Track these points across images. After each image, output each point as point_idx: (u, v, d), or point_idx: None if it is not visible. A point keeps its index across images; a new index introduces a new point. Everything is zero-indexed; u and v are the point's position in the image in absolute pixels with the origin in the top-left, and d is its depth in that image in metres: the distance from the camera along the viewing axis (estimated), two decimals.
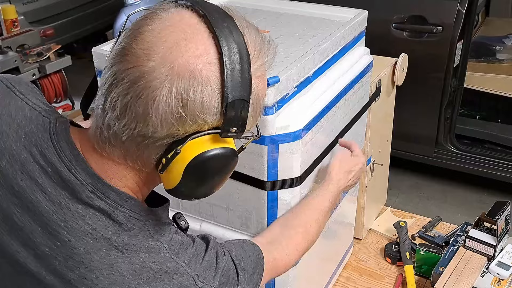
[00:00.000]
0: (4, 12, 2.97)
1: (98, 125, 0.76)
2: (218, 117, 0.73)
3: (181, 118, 0.70)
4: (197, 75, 0.70)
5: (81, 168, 0.77)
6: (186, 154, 0.73)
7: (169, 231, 0.83)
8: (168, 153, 0.74)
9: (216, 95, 0.71)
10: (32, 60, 2.66)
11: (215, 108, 0.72)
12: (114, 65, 0.73)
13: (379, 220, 2.14)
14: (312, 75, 1.31)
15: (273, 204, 1.27)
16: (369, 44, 1.61)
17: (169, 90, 0.69)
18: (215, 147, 0.74)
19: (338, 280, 1.85)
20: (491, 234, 1.69)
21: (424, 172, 3.01)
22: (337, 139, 1.46)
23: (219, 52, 0.71)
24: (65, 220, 0.76)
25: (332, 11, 1.59)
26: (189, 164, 0.73)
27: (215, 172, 0.78)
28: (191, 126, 0.72)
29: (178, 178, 0.75)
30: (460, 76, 2.63)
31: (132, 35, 0.73)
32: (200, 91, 0.70)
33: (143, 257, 0.77)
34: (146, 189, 0.84)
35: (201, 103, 0.70)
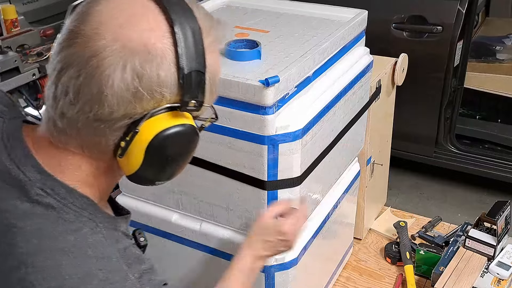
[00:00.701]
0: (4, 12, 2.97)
1: (50, 116, 0.74)
2: (176, 91, 0.71)
3: (138, 93, 0.69)
4: (151, 49, 0.69)
5: (30, 165, 0.75)
6: (146, 133, 0.71)
7: (125, 241, 0.79)
8: (126, 135, 0.71)
9: (172, 67, 0.70)
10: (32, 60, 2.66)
11: (172, 81, 0.70)
12: (62, 50, 0.71)
13: (379, 220, 2.14)
14: (312, 75, 1.31)
15: None
16: (369, 44, 1.61)
17: (124, 66, 0.68)
18: (175, 123, 0.72)
19: (338, 280, 1.85)
20: (491, 234, 1.69)
21: (424, 172, 3.00)
22: (337, 139, 1.46)
23: (170, 26, 0.70)
24: (12, 218, 0.74)
25: (332, 11, 1.59)
26: (150, 144, 0.71)
27: (177, 151, 0.75)
28: (149, 102, 0.70)
29: (139, 160, 0.73)
30: (460, 76, 2.63)
31: (80, 18, 0.71)
32: (155, 64, 0.69)
33: (90, 262, 0.73)
34: (104, 183, 0.80)
35: (157, 76, 0.69)
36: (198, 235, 1.42)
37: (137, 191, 1.49)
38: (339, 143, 1.48)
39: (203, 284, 1.50)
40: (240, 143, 1.22)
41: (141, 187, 1.46)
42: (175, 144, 0.74)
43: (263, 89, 1.12)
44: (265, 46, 1.35)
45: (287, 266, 1.37)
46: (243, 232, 1.35)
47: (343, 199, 1.65)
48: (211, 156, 1.28)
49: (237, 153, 1.24)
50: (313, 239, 1.47)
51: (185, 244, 1.45)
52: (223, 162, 1.27)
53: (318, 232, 1.50)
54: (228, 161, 1.26)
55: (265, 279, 1.37)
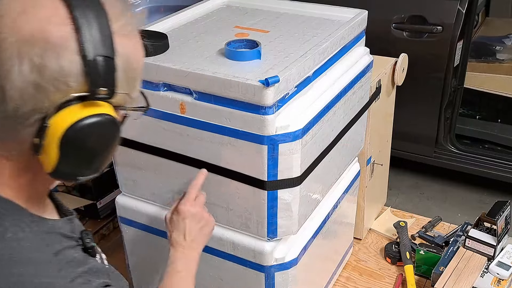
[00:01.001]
0: None
1: None
2: (82, 80, 0.67)
3: (41, 86, 0.65)
4: (49, 38, 0.65)
5: None
6: (57, 127, 0.67)
7: (62, 243, 0.76)
8: (39, 131, 0.68)
9: (75, 55, 0.66)
10: None
11: (76, 69, 0.66)
12: None
13: (379, 220, 2.14)
14: (312, 75, 1.31)
15: (273, 204, 1.27)
16: (369, 44, 1.61)
17: (21, 59, 0.64)
18: (87, 114, 0.68)
19: (338, 280, 1.85)
20: (491, 234, 1.69)
21: (424, 172, 3.00)
22: (337, 139, 1.46)
23: (70, 12, 0.66)
24: None
25: (332, 11, 1.59)
26: (63, 138, 0.67)
27: (94, 142, 0.71)
28: (55, 94, 0.66)
29: (55, 156, 0.69)
30: (460, 76, 2.62)
31: None
32: (55, 54, 0.65)
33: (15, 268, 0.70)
34: (30, 184, 0.76)
35: (59, 66, 0.65)
36: None
37: (137, 191, 1.49)
38: (339, 143, 1.48)
39: (203, 284, 1.50)
40: (240, 143, 1.22)
41: (140, 187, 1.46)
42: (90, 135, 0.70)
43: (263, 89, 1.12)
44: (265, 46, 1.35)
45: (287, 266, 1.37)
46: (243, 232, 1.35)
47: (343, 199, 1.65)
48: (211, 156, 1.28)
49: (237, 153, 1.24)
50: (313, 239, 1.47)
51: None
52: (223, 162, 1.27)
53: (318, 232, 1.50)
54: (228, 161, 1.26)
55: (265, 279, 1.37)
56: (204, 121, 1.23)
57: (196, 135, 1.26)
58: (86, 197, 1.99)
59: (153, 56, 1.30)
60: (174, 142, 1.31)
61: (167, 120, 1.28)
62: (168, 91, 1.26)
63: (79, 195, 2.00)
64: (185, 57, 1.31)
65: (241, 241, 1.36)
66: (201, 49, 1.36)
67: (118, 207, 1.55)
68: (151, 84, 1.26)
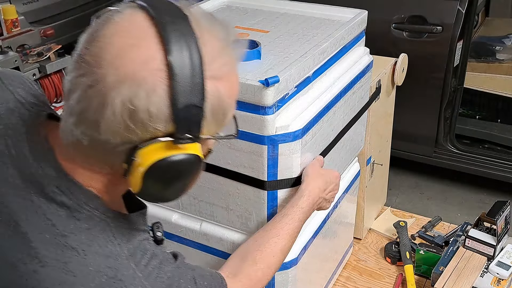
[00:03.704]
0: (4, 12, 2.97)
1: (64, 128, 0.75)
2: (169, 125, 0.70)
3: (129, 127, 0.69)
4: (142, 82, 0.67)
5: (49, 162, 0.77)
6: (143, 161, 0.71)
7: (138, 238, 0.81)
8: (128, 158, 0.72)
9: (164, 102, 0.68)
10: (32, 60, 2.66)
11: (164, 116, 0.69)
12: (71, 72, 0.72)
13: (379, 220, 2.14)
14: (312, 75, 1.31)
15: (273, 204, 1.28)
16: (369, 44, 1.61)
17: (115, 98, 0.67)
18: (172, 153, 0.71)
19: (338, 280, 1.85)
20: (491, 234, 1.70)
21: (424, 172, 3.00)
22: (337, 139, 1.46)
23: (167, 58, 0.68)
24: (26, 212, 0.76)
25: (332, 11, 1.59)
26: (147, 171, 0.72)
27: (177, 178, 0.75)
28: (143, 133, 0.70)
29: (139, 184, 0.73)
30: (460, 76, 2.63)
31: (87, 40, 0.72)
32: (145, 99, 0.68)
33: (99, 260, 0.75)
34: (115, 191, 0.82)
35: (147, 112, 0.68)
36: (198, 235, 1.42)
37: None
38: (339, 143, 1.48)
39: None
40: (240, 143, 1.22)
41: None
42: (172, 171, 0.74)
43: (263, 89, 1.12)
44: (265, 46, 1.35)
45: (287, 266, 1.37)
46: (243, 232, 1.35)
47: (343, 199, 1.65)
48: (211, 156, 1.28)
49: (237, 153, 1.24)
50: (313, 239, 1.47)
51: (185, 244, 1.45)
52: (223, 162, 1.27)
53: (318, 232, 1.50)
54: (228, 161, 1.26)
55: None
56: None
57: None
58: None
59: None
60: None
61: None
62: None
63: None
64: None
65: (241, 241, 1.36)
66: None
67: None
68: None
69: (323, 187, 1.26)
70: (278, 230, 1.15)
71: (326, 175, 1.28)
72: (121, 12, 0.72)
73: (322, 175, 1.27)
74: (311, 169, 1.27)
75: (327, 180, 1.28)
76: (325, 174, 1.28)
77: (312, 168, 1.27)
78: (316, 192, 1.23)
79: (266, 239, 1.14)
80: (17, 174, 0.78)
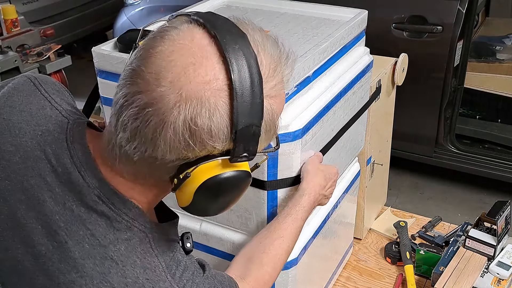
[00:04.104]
0: (4, 12, 2.97)
1: (110, 140, 0.75)
2: (228, 143, 0.71)
3: (189, 145, 0.69)
4: (205, 102, 0.68)
5: (90, 171, 0.77)
6: (197, 178, 0.72)
7: (172, 249, 0.81)
8: (179, 174, 0.73)
9: (225, 122, 0.69)
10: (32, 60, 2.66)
11: (224, 135, 0.70)
12: (125, 87, 0.72)
13: (379, 220, 2.14)
14: (312, 75, 1.31)
15: (273, 204, 1.28)
16: (369, 44, 1.61)
17: (176, 117, 0.68)
18: (225, 171, 0.73)
19: (338, 280, 1.85)
20: (491, 234, 1.69)
21: (424, 172, 3.01)
22: (337, 138, 1.46)
23: (228, 78, 0.68)
24: (66, 221, 0.75)
25: (332, 11, 1.59)
26: (200, 187, 0.73)
27: (227, 193, 0.77)
28: (201, 151, 0.71)
29: (190, 199, 0.74)
30: (460, 76, 2.63)
31: (142, 56, 0.71)
32: (207, 119, 0.68)
33: (137, 272, 0.75)
34: (155, 200, 0.83)
35: (209, 130, 0.69)
36: (198, 235, 1.42)
37: None
38: (339, 143, 1.48)
39: None
40: None
41: None
42: (224, 188, 0.75)
43: None
44: None
45: (287, 266, 1.37)
46: (243, 232, 1.35)
47: (343, 199, 1.65)
48: None
49: None
50: (313, 239, 1.47)
51: None
52: None
53: (318, 232, 1.50)
54: None
55: None
56: None
57: None
58: None
59: None
60: None
61: None
62: None
63: None
64: None
65: (241, 241, 1.36)
66: None
67: None
68: None
69: (323, 183, 1.25)
70: (282, 231, 1.15)
71: (326, 171, 1.27)
72: (178, 29, 0.71)
73: (322, 171, 1.26)
74: (311, 165, 1.25)
75: (327, 176, 1.26)
76: (325, 170, 1.27)
77: (311, 165, 1.26)
78: (316, 189, 1.22)
79: (271, 240, 1.14)
80: (57, 182, 0.77)
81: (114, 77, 1.30)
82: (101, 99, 1.37)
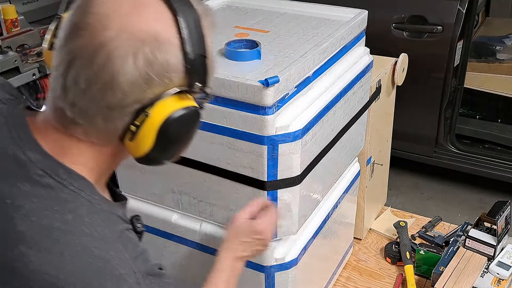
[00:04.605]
0: (4, 12, 2.96)
1: (57, 107, 0.77)
2: (183, 76, 0.75)
3: (150, 79, 0.73)
4: (159, 37, 0.72)
5: (33, 148, 0.78)
6: (157, 117, 0.75)
7: (122, 225, 0.82)
8: (136, 119, 0.75)
9: (179, 53, 0.74)
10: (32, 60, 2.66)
11: (179, 66, 0.74)
12: (68, 43, 0.74)
13: (379, 220, 2.14)
14: (312, 75, 1.31)
15: None
16: (369, 44, 1.61)
17: (135, 54, 0.71)
18: (183, 106, 0.76)
19: (338, 280, 1.85)
20: (491, 234, 1.69)
21: (424, 172, 3.00)
22: (337, 139, 1.46)
23: (173, 15, 0.74)
24: (12, 197, 0.76)
25: (332, 11, 1.59)
26: (161, 126, 0.75)
27: (185, 131, 0.80)
28: (158, 87, 0.74)
29: (150, 143, 0.76)
30: (460, 76, 2.62)
31: (81, 10, 0.74)
32: (164, 51, 0.73)
33: (86, 240, 0.75)
34: (104, 167, 0.83)
35: (167, 62, 0.73)
36: (198, 235, 1.42)
37: (137, 191, 1.49)
38: (339, 143, 1.48)
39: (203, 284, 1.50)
40: (240, 143, 1.22)
41: (140, 187, 1.46)
42: (183, 125, 0.78)
43: (263, 89, 1.12)
44: (265, 46, 1.35)
45: (287, 266, 1.37)
46: None
47: (343, 199, 1.65)
48: (211, 156, 1.28)
49: (236, 153, 1.24)
50: (313, 239, 1.47)
51: (185, 244, 1.45)
52: (223, 162, 1.27)
53: (318, 232, 1.50)
54: (228, 161, 1.26)
55: (265, 279, 1.37)
56: (204, 121, 1.23)
57: (196, 136, 1.26)
58: None
59: None
60: None
61: None
62: None
63: None
64: None
65: None
66: None
67: None
68: None
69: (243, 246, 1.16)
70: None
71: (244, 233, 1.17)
72: None
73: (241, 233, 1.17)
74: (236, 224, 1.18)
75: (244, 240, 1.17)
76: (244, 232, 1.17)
77: (237, 223, 1.18)
78: (238, 252, 1.16)
79: None
80: (1, 164, 0.79)
81: None
82: None
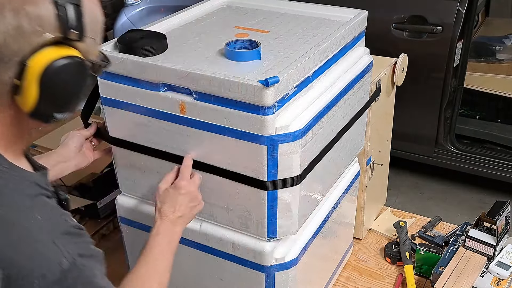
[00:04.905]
0: None
1: None
2: (56, 23, 0.79)
3: (21, 28, 0.76)
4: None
5: None
6: (36, 66, 0.78)
7: (36, 192, 0.83)
8: (19, 72, 0.78)
9: (49, 3, 0.78)
10: None
11: (50, 14, 0.78)
12: None
13: (379, 220, 2.14)
14: (312, 75, 1.31)
15: (273, 204, 1.28)
16: (369, 44, 1.61)
17: (3, 7, 0.75)
18: (62, 55, 0.80)
19: (338, 280, 1.85)
20: (491, 234, 1.69)
21: (424, 172, 3.01)
22: (337, 139, 1.46)
23: None
24: None
25: (332, 11, 1.59)
26: (42, 75, 0.78)
27: (68, 81, 0.82)
28: (33, 36, 0.78)
29: (35, 94, 0.79)
30: (460, 76, 2.63)
31: None
32: (33, 3, 0.77)
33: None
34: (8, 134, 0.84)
35: (36, 12, 0.77)
36: (198, 235, 1.42)
37: (137, 191, 1.49)
38: (339, 143, 1.48)
39: (203, 284, 1.50)
40: (240, 144, 1.22)
41: (140, 187, 1.46)
42: (65, 74, 0.80)
43: (263, 89, 1.12)
44: (265, 46, 1.35)
45: (287, 266, 1.37)
46: (243, 232, 1.35)
47: (343, 199, 1.65)
48: (210, 156, 1.28)
49: (236, 153, 1.24)
50: (313, 239, 1.47)
51: (185, 244, 1.45)
52: (222, 162, 1.27)
53: (318, 232, 1.50)
54: (227, 161, 1.26)
55: (265, 279, 1.37)
56: (204, 122, 1.23)
57: (196, 136, 1.27)
58: (86, 197, 1.99)
59: (152, 56, 1.30)
60: (174, 142, 1.31)
61: (167, 120, 1.28)
62: (168, 91, 1.26)
63: (79, 195, 2.00)
64: (185, 57, 1.31)
65: (241, 241, 1.36)
66: (201, 50, 1.36)
67: (118, 207, 1.55)
68: (151, 84, 1.26)
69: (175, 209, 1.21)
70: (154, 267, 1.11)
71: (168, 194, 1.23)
72: None
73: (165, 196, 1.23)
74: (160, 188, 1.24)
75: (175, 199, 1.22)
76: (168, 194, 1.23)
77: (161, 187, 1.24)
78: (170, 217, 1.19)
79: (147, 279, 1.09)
80: None
81: (114, 77, 1.31)
82: (101, 99, 1.37)
